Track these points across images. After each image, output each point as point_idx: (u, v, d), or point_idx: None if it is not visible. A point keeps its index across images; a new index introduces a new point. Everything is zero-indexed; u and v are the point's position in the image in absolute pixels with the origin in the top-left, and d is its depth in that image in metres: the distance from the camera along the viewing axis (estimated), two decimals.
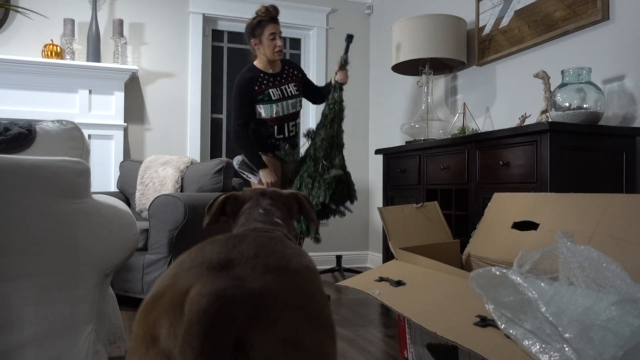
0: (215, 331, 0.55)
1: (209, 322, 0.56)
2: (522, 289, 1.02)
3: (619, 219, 1.51)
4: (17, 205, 1.15)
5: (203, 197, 2.82)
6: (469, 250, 2.01)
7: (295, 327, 0.61)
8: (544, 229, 1.72)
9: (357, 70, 4.42)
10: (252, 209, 1.01)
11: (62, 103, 3.49)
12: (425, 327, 1.21)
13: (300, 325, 0.62)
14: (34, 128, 1.44)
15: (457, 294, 1.38)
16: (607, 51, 2.21)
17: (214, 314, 0.56)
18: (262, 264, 0.66)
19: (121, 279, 2.68)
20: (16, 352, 1.15)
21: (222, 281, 0.60)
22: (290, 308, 0.62)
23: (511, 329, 1.05)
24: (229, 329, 0.56)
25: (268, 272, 0.65)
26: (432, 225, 2.07)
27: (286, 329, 0.60)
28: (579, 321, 0.88)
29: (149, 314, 0.62)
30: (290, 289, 0.64)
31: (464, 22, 2.98)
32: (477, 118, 3.01)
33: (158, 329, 0.60)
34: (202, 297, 0.57)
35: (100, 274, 1.31)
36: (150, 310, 0.62)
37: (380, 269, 1.77)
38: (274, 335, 0.59)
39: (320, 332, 0.64)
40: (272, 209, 1.02)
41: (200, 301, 0.57)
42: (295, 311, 0.62)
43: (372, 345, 2.06)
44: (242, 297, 0.59)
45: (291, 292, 0.64)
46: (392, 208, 2.04)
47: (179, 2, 3.93)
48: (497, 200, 1.98)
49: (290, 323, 0.61)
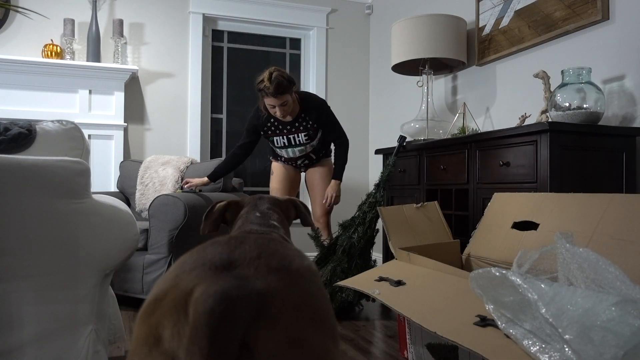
0: (222, 331, 0.55)
1: (216, 322, 0.55)
2: (521, 290, 1.02)
3: (619, 219, 1.51)
4: (17, 205, 1.15)
5: (203, 198, 2.82)
6: (469, 250, 2.01)
7: (299, 327, 0.61)
8: (544, 229, 1.72)
9: (357, 70, 4.42)
10: (249, 213, 1.03)
11: (62, 103, 3.49)
12: (425, 327, 1.21)
13: (304, 325, 0.62)
14: (34, 128, 1.44)
15: (457, 294, 1.38)
16: (607, 51, 2.21)
17: (220, 314, 0.56)
18: (265, 265, 0.66)
19: (121, 279, 2.68)
20: (16, 352, 1.15)
21: (226, 281, 0.60)
22: (294, 308, 0.62)
23: (511, 329, 1.05)
24: (235, 329, 0.56)
25: (271, 273, 0.65)
26: (432, 225, 2.07)
27: (290, 329, 0.60)
28: (579, 322, 0.88)
29: (151, 316, 0.62)
30: (293, 289, 0.64)
31: (464, 22, 2.98)
32: (477, 118, 3.01)
33: (161, 330, 0.60)
34: (208, 298, 0.57)
35: (100, 273, 1.31)
36: (152, 312, 0.62)
37: (380, 269, 1.77)
38: (278, 335, 0.59)
39: (323, 332, 0.64)
40: (269, 212, 1.04)
41: (206, 301, 0.57)
42: (298, 311, 0.62)
43: (372, 345, 2.06)
44: (247, 297, 0.59)
45: (294, 292, 0.64)
46: (392, 208, 2.04)
47: (179, 2, 3.93)
48: (497, 200, 1.98)
49: (294, 323, 0.61)
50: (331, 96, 4.33)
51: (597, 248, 1.50)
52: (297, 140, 2.76)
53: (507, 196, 1.97)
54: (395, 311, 1.42)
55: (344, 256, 2.54)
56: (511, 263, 1.77)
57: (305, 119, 2.72)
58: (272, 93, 2.52)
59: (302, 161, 2.91)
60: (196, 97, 3.93)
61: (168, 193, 2.72)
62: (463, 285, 1.41)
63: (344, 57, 4.39)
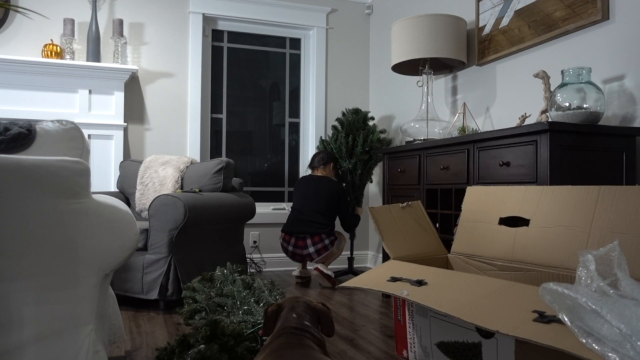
0: None
1: None
2: (600, 314, 0.96)
3: (613, 211, 1.51)
4: (17, 205, 1.15)
5: (203, 198, 2.82)
6: (455, 248, 2.01)
7: None
8: (537, 224, 1.72)
9: (357, 70, 4.43)
10: (288, 313, 1.34)
11: (62, 103, 3.49)
12: (484, 326, 1.15)
13: None
14: (34, 128, 1.44)
15: (492, 292, 1.34)
16: (607, 51, 2.21)
17: None
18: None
19: (121, 279, 2.68)
20: (16, 352, 1.15)
21: None
22: None
23: (595, 344, 0.97)
24: None
25: None
26: (418, 224, 2.09)
27: None
28: None
29: None
30: None
31: (464, 22, 2.98)
32: (477, 118, 3.01)
33: None
34: None
35: (100, 273, 1.31)
36: None
37: (385, 270, 1.77)
38: None
39: None
40: (302, 314, 1.33)
41: None
42: None
43: (372, 345, 2.06)
44: None
45: None
46: (381, 208, 2.05)
47: (179, 2, 3.93)
48: (473, 194, 1.97)
49: None
50: (331, 96, 4.33)
51: (600, 242, 1.49)
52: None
53: (483, 190, 1.96)
54: (436, 311, 1.38)
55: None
56: (508, 259, 1.77)
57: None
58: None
59: None
60: (196, 97, 3.93)
61: (168, 193, 2.72)
62: (494, 284, 1.40)
63: (344, 57, 4.39)
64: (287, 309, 1.35)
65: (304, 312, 1.34)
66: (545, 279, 1.63)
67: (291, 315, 1.32)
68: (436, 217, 2.62)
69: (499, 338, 1.40)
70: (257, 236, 4.10)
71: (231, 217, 3.04)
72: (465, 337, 1.52)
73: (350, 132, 3.71)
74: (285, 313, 1.34)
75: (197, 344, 1.64)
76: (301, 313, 1.33)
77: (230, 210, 3.01)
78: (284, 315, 1.33)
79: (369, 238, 4.40)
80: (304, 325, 1.28)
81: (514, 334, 1.08)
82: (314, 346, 1.20)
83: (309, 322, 1.31)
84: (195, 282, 2.23)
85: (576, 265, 1.29)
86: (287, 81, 4.37)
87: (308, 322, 1.31)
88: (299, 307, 1.36)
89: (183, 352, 1.64)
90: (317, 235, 3.36)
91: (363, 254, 4.40)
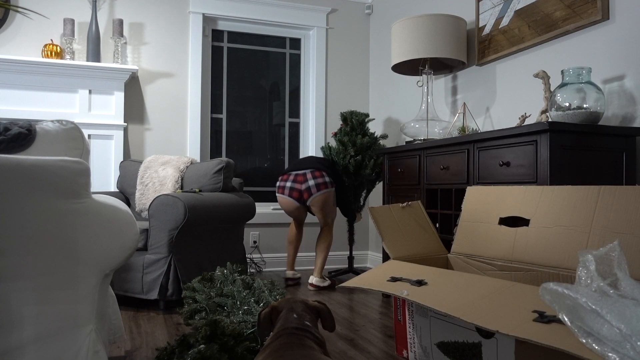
0: None
1: None
2: (601, 314, 0.97)
3: (613, 211, 1.50)
4: (17, 205, 1.15)
5: (203, 198, 2.82)
6: (455, 248, 2.01)
7: None
8: (537, 224, 1.72)
9: (357, 70, 4.42)
10: (288, 313, 1.34)
11: (62, 103, 3.49)
12: (484, 326, 1.15)
13: None
14: (34, 128, 1.44)
15: (491, 292, 1.34)
16: (607, 51, 2.21)
17: None
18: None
19: (121, 279, 2.68)
20: (16, 352, 1.15)
21: None
22: None
23: (595, 345, 0.97)
24: None
25: None
26: (418, 224, 2.08)
27: None
28: None
29: None
30: None
31: (464, 22, 2.98)
32: (477, 118, 3.01)
33: None
34: None
35: (100, 273, 1.31)
36: None
37: (385, 269, 1.77)
38: None
39: None
40: (302, 314, 1.35)
41: None
42: None
43: (372, 345, 2.06)
44: None
45: None
46: (381, 208, 2.05)
47: (179, 2, 3.93)
48: (473, 194, 1.97)
49: None
50: (331, 96, 4.33)
51: (600, 242, 1.49)
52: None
53: (483, 190, 1.96)
54: (436, 311, 1.39)
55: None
56: (508, 260, 1.77)
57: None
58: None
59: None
60: (196, 97, 3.93)
61: (168, 193, 2.72)
62: (494, 284, 1.40)
63: (344, 57, 4.39)
64: (286, 310, 1.36)
65: (304, 312, 1.35)
66: (545, 279, 1.63)
67: (291, 315, 1.33)
68: (436, 217, 2.62)
69: (499, 338, 1.40)
70: (257, 236, 4.10)
71: (231, 217, 3.04)
72: (465, 337, 1.52)
73: (360, 151, 3.53)
74: (285, 313, 1.35)
75: (197, 344, 1.64)
76: (301, 313, 1.34)
77: (230, 210, 3.01)
78: (284, 316, 1.34)
79: (369, 238, 4.40)
80: (304, 325, 1.30)
81: (514, 334, 1.08)
82: (315, 346, 1.21)
83: (309, 322, 1.32)
84: (195, 282, 2.23)
85: (576, 265, 1.29)
86: (287, 81, 4.37)
87: (308, 322, 1.32)
88: (298, 307, 1.37)
89: (183, 352, 1.64)
90: (318, 171, 3.27)
91: (363, 254, 4.40)
